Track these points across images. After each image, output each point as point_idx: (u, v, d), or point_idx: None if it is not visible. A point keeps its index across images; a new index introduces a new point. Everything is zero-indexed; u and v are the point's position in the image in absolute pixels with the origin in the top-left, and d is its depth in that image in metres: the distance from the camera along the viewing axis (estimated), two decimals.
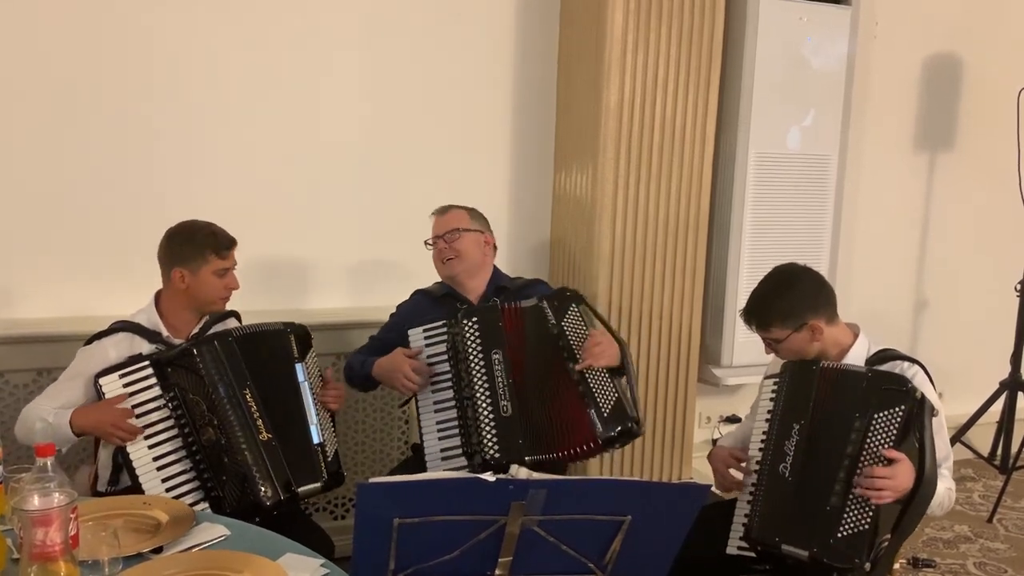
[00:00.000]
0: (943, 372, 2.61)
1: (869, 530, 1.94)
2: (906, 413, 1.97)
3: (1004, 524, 3.60)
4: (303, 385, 2.28)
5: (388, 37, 3.12)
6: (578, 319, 2.37)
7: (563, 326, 2.34)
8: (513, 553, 1.47)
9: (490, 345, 2.32)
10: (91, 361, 2.18)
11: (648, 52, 3.13)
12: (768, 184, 3.46)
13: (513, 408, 2.28)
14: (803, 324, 2.16)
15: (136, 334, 2.23)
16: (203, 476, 2.11)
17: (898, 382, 2.02)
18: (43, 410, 2.14)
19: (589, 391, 2.26)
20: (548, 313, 2.36)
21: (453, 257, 2.51)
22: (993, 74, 4.06)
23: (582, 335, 2.34)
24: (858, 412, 2.01)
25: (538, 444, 2.27)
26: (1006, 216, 4.07)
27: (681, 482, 3.15)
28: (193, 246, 2.24)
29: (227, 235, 2.29)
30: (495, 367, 2.31)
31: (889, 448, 1.95)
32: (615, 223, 3.19)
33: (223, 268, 2.26)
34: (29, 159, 2.74)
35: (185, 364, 2.14)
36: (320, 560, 1.63)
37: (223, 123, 2.93)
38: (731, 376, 3.55)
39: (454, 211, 2.58)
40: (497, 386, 2.30)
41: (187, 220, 2.31)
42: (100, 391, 2.11)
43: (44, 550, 1.36)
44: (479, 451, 2.26)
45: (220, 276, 2.25)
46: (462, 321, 2.34)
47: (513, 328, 2.35)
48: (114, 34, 2.78)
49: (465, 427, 2.31)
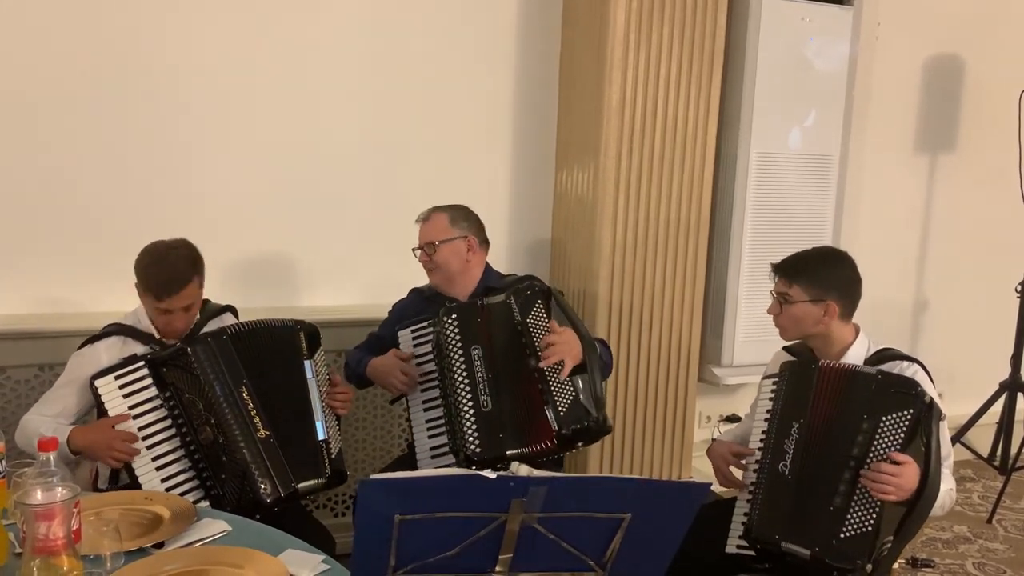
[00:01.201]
0: (943, 373, 2.62)
1: (872, 532, 1.94)
2: (914, 417, 1.96)
3: (1003, 525, 3.61)
4: (311, 382, 2.28)
5: (389, 36, 3.12)
6: (541, 315, 2.38)
7: (527, 322, 2.35)
8: (513, 550, 1.47)
9: (469, 341, 2.33)
10: (85, 366, 2.18)
11: (650, 52, 3.14)
12: (769, 184, 3.47)
13: (492, 403, 2.30)
14: (822, 299, 2.17)
15: (129, 336, 2.23)
16: (202, 475, 2.11)
17: (907, 385, 2.02)
18: (42, 423, 2.13)
19: (548, 389, 2.28)
20: (514, 309, 2.37)
21: (432, 268, 2.53)
22: (994, 76, 4.07)
23: (541, 331, 2.34)
24: (866, 414, 2.00)
25: (517, 438, 2.28)
26: (1007, 217, 4.07)
27: (681, 480, 3.16)
28: (138, 275, 2.20)
29: (166, 281, 2.15)
30: (474, 363, 2.32)
31: (896, 451, 1.95)
32: (616, 222, 3.19)
33: (162, 309, 2.18)
34: (29, 157, 2.75)
35: (180, 363, 2.13)
36: (321, 556, 1.64)
37: (222, 121, 2.94)
38: (731, 376, 3.56)
39: (435, 218, 2.54)
40: (477, 381, 2.31)
41: (154, 243, 2.23)
42: (96, 394, 2.10)
43: (47, 544, 1.37)
44: (463, 447, 2.27)
45: (161, 314, 2.20)
46: (443, 319, 2.36)
47: (486, 324, 2.37)
48: (113, 35, 2.78)
49: (451, 424, 2.33)
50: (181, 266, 2.18)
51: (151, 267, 2.18)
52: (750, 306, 3.44)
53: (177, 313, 2.19)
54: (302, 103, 3.03)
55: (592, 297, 3.22)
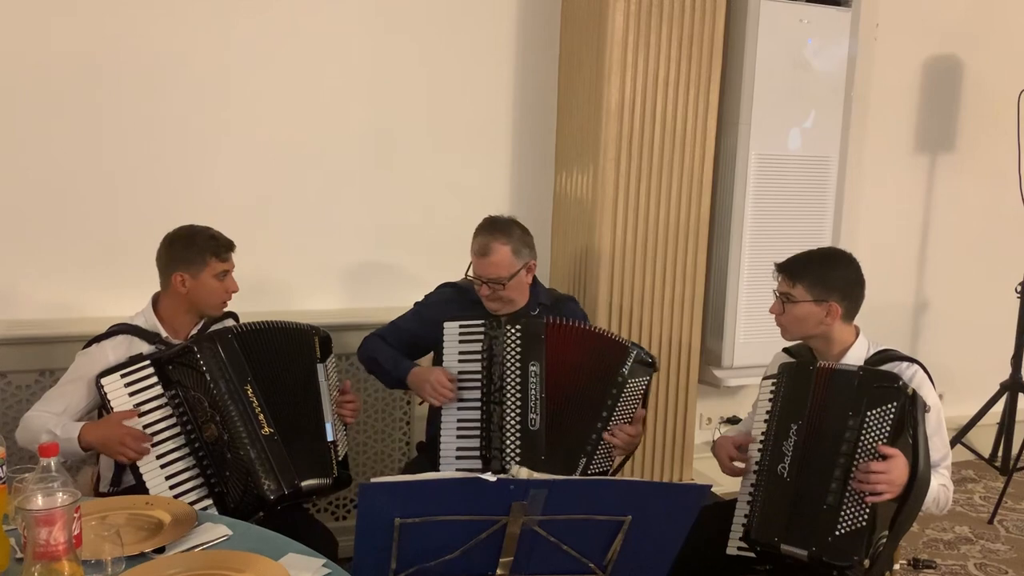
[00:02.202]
0: (944, 373, 2.62)
1: (867, 527, 1.95)
2: (898, 410, 1.98)
3: (1005, 525, 3.60)
4: (322, 385, 2.30)
5: (389, 41, 3.13)
6: (638, 389, 2.36)
7: (626, 386, 2.33)
8: (514, 553, 1.47)
9: (529, 356, 2.31)
10: (91, 364, 2.19)
11: (649, 53, 3.14)
12: (769, 185, 3.47)
13: (541, 423, 2.29)
14: (825, 300, 2.17)
15: (135, 336, 2.24)
16: (207, 472, 2.12)
17: (889, 379, 2.03)
18: (48, 420, 2.13)
19: (596, 449, 2.31)
20: (626, 364, 2.34)
21: (495, 300, 2.45)
22: (993, 76, 4.07)
23: (632, 407, 2.35)
24: (851, 411, 2.02)
25: (556, 463, 2.27)
26: (1006, 218, 4.07)
27: (681, 483, 3.16)
28: (193, 250, 2.26)
29: (226, 238, 2.31)
30: (531, 379, 2.31)
31: (883, 444, 1.96)
32: (616, 224, 3.19)
33: (223, 271, 2.28)
34: (31, 160, 2.75)
35: (186, 362, 2.15)
36: (322, 560, 1.63)
37: (224, 124, 2.94)
38: (732, 377, 3.56)
39: (498, 251, 2.40)
40: (529, 398, 2.30)
41: (185, 225, 2.33)
42: (102, 392, 2.12)
43: (48, 549, 1.37)
44: (499, 457, 2.27)
45: (220, 279, 2.27)
46: (505, 326, 2.33)
47: (559, 344, 2.33)
48: (118, 37, 2.79)
49: (488, 430, 2.31)
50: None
51: (201, 234, 2.28)
52: (750, 307, 3.44)
53: (231, 276, 2.30)
54: (301, 108, 3.03)
55: (592, 299, 3.23)
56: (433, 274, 2.71)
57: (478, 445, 2.31)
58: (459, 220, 2.74)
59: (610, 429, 2.32)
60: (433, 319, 2.45)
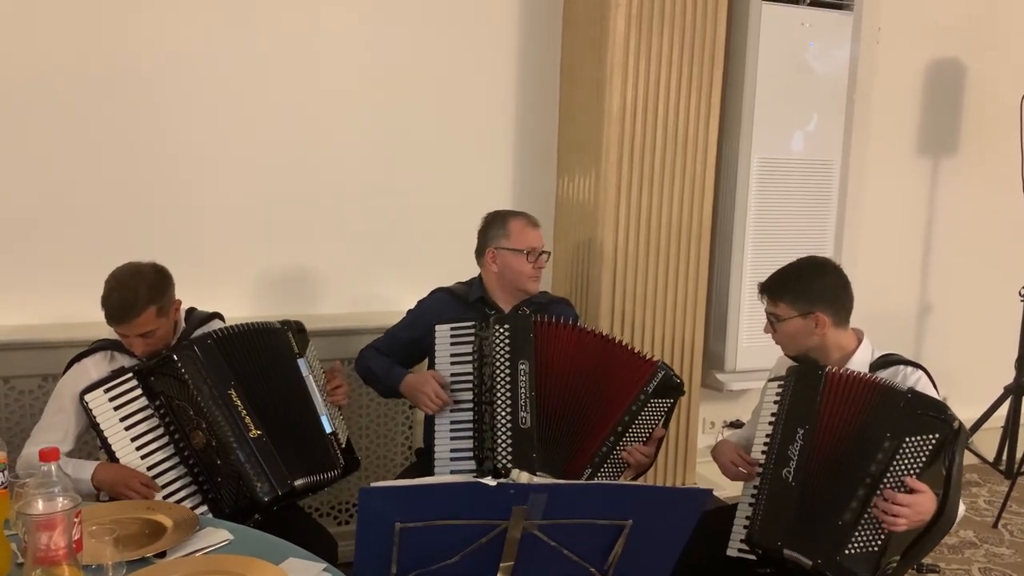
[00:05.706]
0: (947, 377, 2.61)
1: (878, 552, 1.92)
2: (938, 442, 1.92)
3: (1009, 529, 3.59)
4: (307, 379, 2.29)
5: (390, 44, 3.13)
6: (660, 411, 2.35)
7: (647, 405, 2.32)
8: (515, 557, 1.47)
9: (518, 355, 2.31)
10: (75, 384, 2.17)
11: (650, 57, 3.14)
12: (771, 189, 3.46)
13: (531, 421, 2.28)
14: (810, 312, 2.15)
15: (116, 350, 2.23)
16: (198, 479, 2.12)
17: (936, 409, 1.96)
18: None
19: (604, 461, 2.30)
20: (651, 383, 2.32)
21: (537, 277, 2.55)
22: (996, 79, 4.07)
23: (649, 426, 2.33)
24: (889, 432, 1.96)
25: (550, 462, 2.27)
26: (1009, 221, 4.07)
27: (683, 486, 3.15)
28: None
29: (119, 307, 2.12)
30: (520, 378, 2.30)
31: (913, 476, 1.91)
32: (618, 228, 3.19)
33: (121, 334, 2.17)
34: (32, 169, 2.75)
35: (168, 371, 2.13)
36: (322, 564, 1.63)
37: (223, 129, 2.94)
38: (735, 381, 3.55)
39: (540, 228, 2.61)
40: (519, 397, 2.29)
41: (122, 267, 2.19)
42: (87, 408, 2.10)
43: (48, 554, 1.37)
44: (491, 457, 2.26)
45: (121, 337, 2.18)
46: (494, 326, 2.33)
47: (549, 343, 2.33)
48: (116, 37, 2.79)
49: (480, 431, 2.31)
50: (140, 293, 2.12)
51: (110, 293, 2.14)
52: (753, 311, 3.44)
53: (134, 339, 2.15)
54: (302, 110, 3.03)
55: (594, 303, 3.22)
56: (434, 277, 2.70)
57: (471, 447, 2.31)
58: (461, 224, 2.74)
59: (622, 445, 2.30)
60: (428, 324, 2.47)
